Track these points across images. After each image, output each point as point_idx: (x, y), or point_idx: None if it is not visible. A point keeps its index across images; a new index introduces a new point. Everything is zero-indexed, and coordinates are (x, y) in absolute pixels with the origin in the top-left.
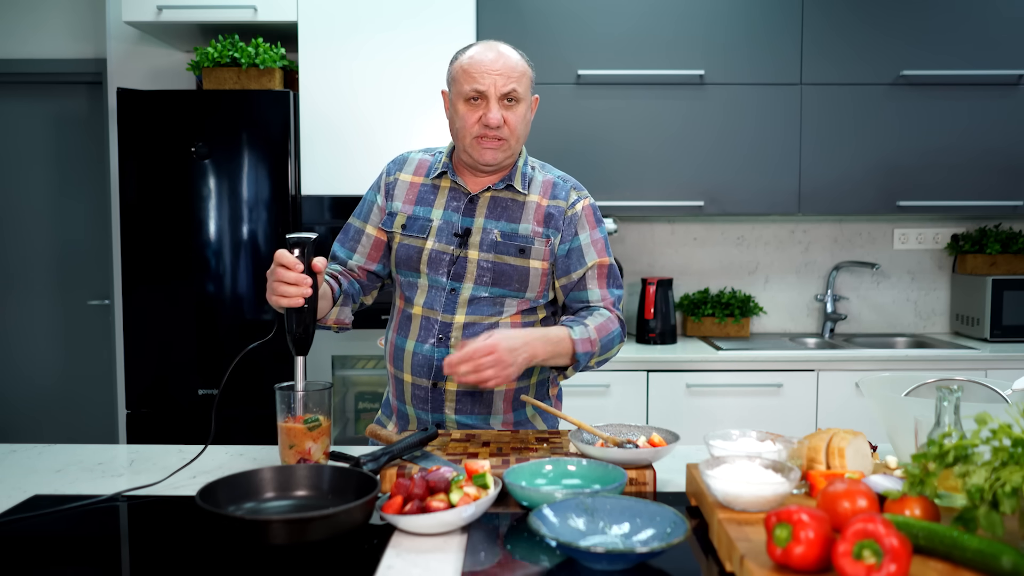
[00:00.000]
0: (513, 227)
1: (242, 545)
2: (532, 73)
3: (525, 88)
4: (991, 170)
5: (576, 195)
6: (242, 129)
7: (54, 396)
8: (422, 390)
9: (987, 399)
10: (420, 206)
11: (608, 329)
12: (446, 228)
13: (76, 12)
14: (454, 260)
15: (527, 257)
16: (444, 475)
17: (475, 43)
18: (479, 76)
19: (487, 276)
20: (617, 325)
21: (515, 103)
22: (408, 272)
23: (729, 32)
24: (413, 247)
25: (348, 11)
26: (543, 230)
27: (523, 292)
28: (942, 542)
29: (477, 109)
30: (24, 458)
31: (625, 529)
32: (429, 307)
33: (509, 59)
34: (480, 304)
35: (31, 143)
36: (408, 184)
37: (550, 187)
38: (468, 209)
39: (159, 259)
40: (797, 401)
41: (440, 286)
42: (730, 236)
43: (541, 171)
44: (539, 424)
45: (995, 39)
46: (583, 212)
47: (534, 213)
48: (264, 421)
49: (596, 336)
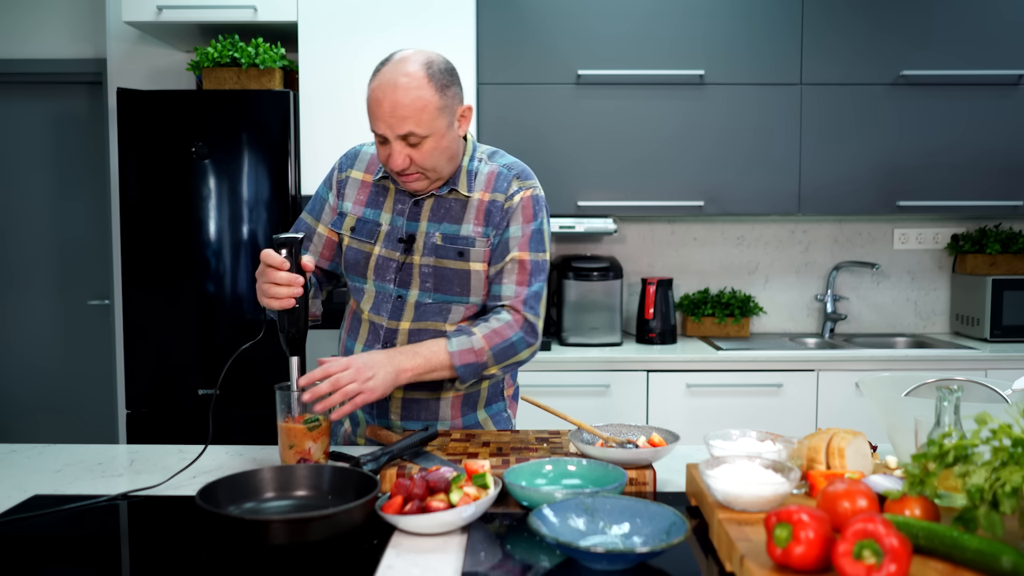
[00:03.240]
0: (455, 228)
1: (242, 545)
2: (441, 100)
3: (429, 124)
4: (991, 170)
5: (517, 185)
6: (242, 129)
7: (54, 396)
8: None
9: (987, 399)
10: (370, 208)
11: (503, 336)
12: (392, 233)
13: (76, 12)
14: (400, 267)
15: (467, 260)
16: (444, 475)
17: (385, 65)
18: (376, 119)
19: (429, 281)
20: (517, 330)
21: (420, 141)
22: (356, 277)
23: (729, 32)
24: (361, 252)
25: (348, 11)
26: (483, 229)
27: (467, 297)
28: (942, 542)
29: (384, 148)
30: (24, 458)
31: (625, 529)
32: (375, 313)
33: (401, 101)
34: (426, 310)
35: (31, 143)
36: (359, 183)
37: (493, 179)
38: (413, 213)
39: (159, 259)
40: (797, 401)
41: (387, 292)
42: (730, 236)
43: (488, 162)
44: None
45: (995, 39)
46: (520, 204)
47: (475, 211)
48: (264, 421)
49: (483, 346)
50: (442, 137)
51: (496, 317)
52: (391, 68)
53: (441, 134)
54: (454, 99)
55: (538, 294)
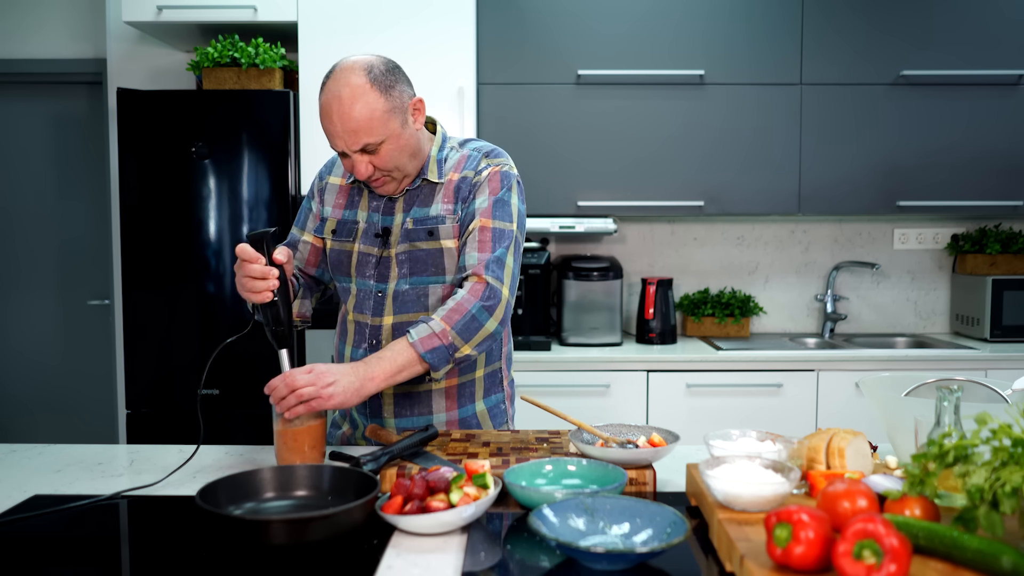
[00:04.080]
0: (425, 211)
1: (242, 545)
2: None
3: (381, 129)
4: (991, 170)
5: (487, 163)
6: (242, 129)
7: (54, 396)
8: None
9: (987, 399)
10: (348, 209)
11: (461, 311)
12: (369, 230)
13: (76, 12)
14: (378, 261)
15: (436, 238)
16: (444, 475)
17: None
18: (330, 136)
19: (404, 267)
20: (475, 300)
21: (376, 148)
22: (340, 277)
23: (729, 32)
24: (343, 251)
25: (348, 11)
26: (452, 206)
27: (442, 276)
28: (942, 542)
29: (347, 160)
30: (24, 458)
31: (625, 529)
32: (359, 312)
33: (349, 114)
34: (405, 300)
35: (31, 143)
36: (337, 187)
37: (463, 161)
38: (388, 208)
39: (159, 259)
40: (797, 401)
41: (368, 289)
42: (730, 236)
43: (459, 148)
44: (486, 423)
45: (995, 39)
46: (487, 178)
47: (444, 191)
48: (263, 420)
49: (444, 327)
50: (398, 137)
51: (453, 297)
52: (333, 82)
53: (397, 135)
54: (401, 96)
55: (500, 260)
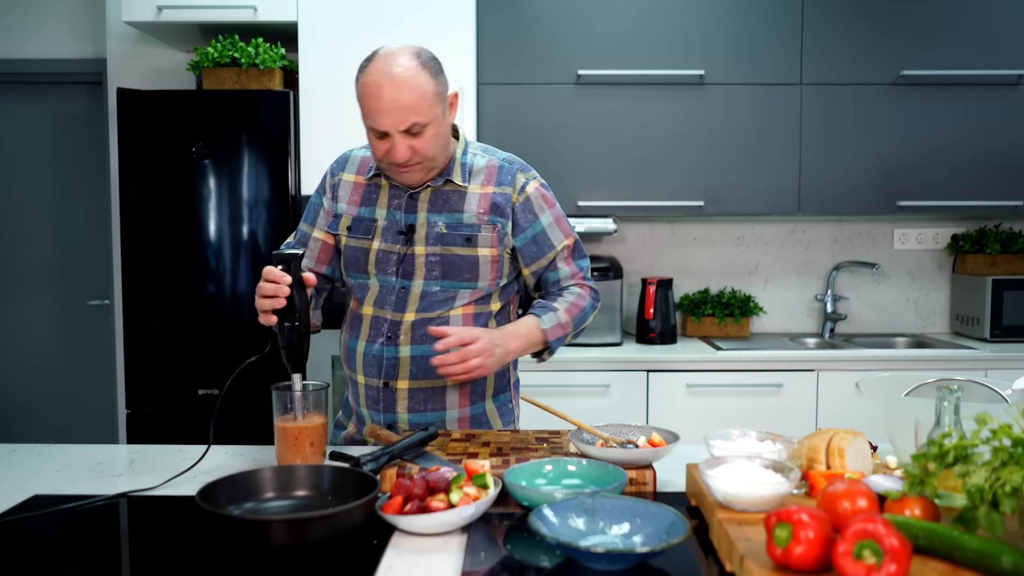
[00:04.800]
0: (457, 217)
1: (242, 545)
2: (436, 86)
3: (429, 111)
4: (991, 170)
5: (523, 178)
6: (242, 129)
7: (54, 396)
8: (373, 390)
9: (987, 399)
10: (364, 206)
11: (580, 306)
12: (391, 227)
13: (76, 12)
14: (401, 258)
15: (475, 245)
16: (444, 475)
17: (374, 59)
18: (376, 116)
19: (436, 270)
20: (589, 298)
21: (421, 131)
22: (357, 274)
23: (729, 32)
24: (360, 248)
25: (348, 11)
26: (489, 217)
27: (475, 282)
28: (942, 542)
29: (384, 142)
30: (24, 458)
31: (625, 529)
32: (380, 307)
33: (401, 92)
34: (432, 300)
35: (31, 143)
36: (352, 184)
37: (495, 172)
38: (410, 206)
39: (159, 259)
40: (797, 401)
41: (390, 285)
42: (730, 236)
43: (483, 155)
44: (495, 421)
45: (995, 39)
46: (535, 195)
47: (478, 201)
48: (263, 421)
49: (567, 319)
50: (439, 124)
51: (569, 291)
52: (382, 62)
53: (439, 121)
54: (445, 86)
55: (587, 264)
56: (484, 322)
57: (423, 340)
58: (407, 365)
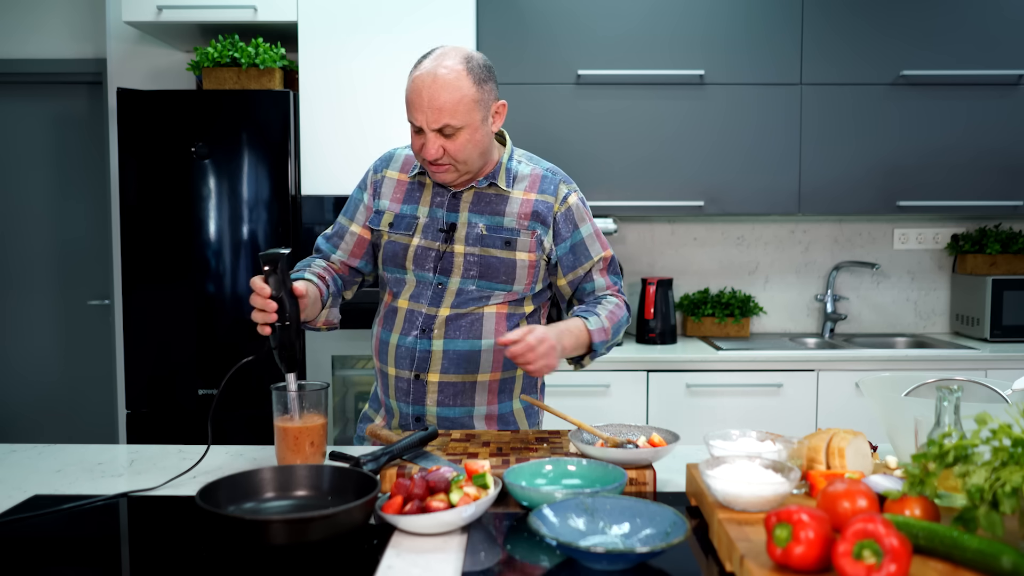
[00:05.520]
0: (498, 220)
1: (242, 545)
2: (478, 93)
3: (465, 116)
4: (991, 170)
5: (566, 189)
6: (242, 129)
7: (54, 396)
8: (404, 382)
9: (987, 399)
10: (407, 204)
11: (617, 316)
12: (431, 224)
13: (76, 12)
14: (440, 255)
15: (513, 249)
16: (444, 475)
17: (426, 58)
18: (415, 110)
19: (474, 269)
20: (624, 310)
21: (454, 133)
22: (395, 269)
23: (729, 32)
24: (399, 244)
25: (348, 11)
26: (529, 223)
27: (510, 285)
28: (942, 542)
29: (419, 137)
30: (24, 458)
31: (625, 529)
32: (416, 301)
33: (440, 93)
34: (467, 297)
35: (31, 143)
36: (395, 182)
37: (538, 181)
38: (452, 204)
39: (159, 259)
40: (797, 401)
41: (427, 281)
42: (730, 236)
43: (528, 163)
44: (522, 421)
45: (995, 39)
46: (576, 206)
47: (520, 207)
48: (262, 421)
49: (608, 324)
50: (476, 130)
51: (607, 300)
52: (432, 60)
53: (475, 127)
54: (490, 94)
55: (621, 280)
56: (516, 323)
57: (456, 334)
58: (439, 359)
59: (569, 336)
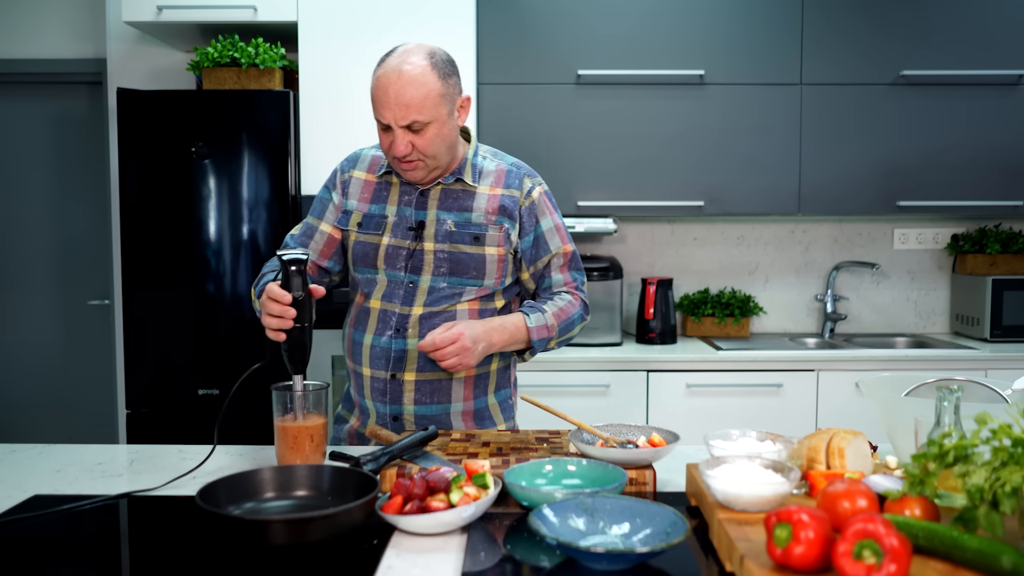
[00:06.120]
0: (466, 216)
1: (242, 545)
2: (444, 88)
3: (431, 111)
4: (991, 170)
5: (530, 183)
6: (242, 129)
7: (54, 396)
8: (380, 382)
9: (987, 399)
10: (375, 203)
11: (568, 313)
12: (400, 223)
13: (76, 12)
14: (411, 254)
15: (482, 244)
16: (444, 475)
17: (390, 56)
18: (382, 107)
19: (444, 266)
20: (579, 308)
21: (422, 128)
22: (365, 269)
23: (729, 32)
24: (369, 244)
25: (348, 11)
26: (496, 218)
27: (481, 280)
28: (942, 542)
29: (387, 135)
30: (24, 458)
31: (625, 529)
32: (388, 300)
33: (406, 89)
34: (439, 295)
35: (31, 143)
36: (362, 182)
37: (503, 176)
38: (420, 202)
39: (159, 259)
40: (797, 401)
41: (399, 280)
42: (730, 236)
43: (493, 159)
44: (497, 415)
45: (995, 39)
46: (540, 200)
47: (487, 202)
48: (263, 421)
49: (554, 322)
50: (443, 125)
51: (560, 297)
52: (396, 58)
53: (443, 121)
54: (455, 88)
55: (583, 278)
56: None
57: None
58: (415, 358)
59: (502, 333)
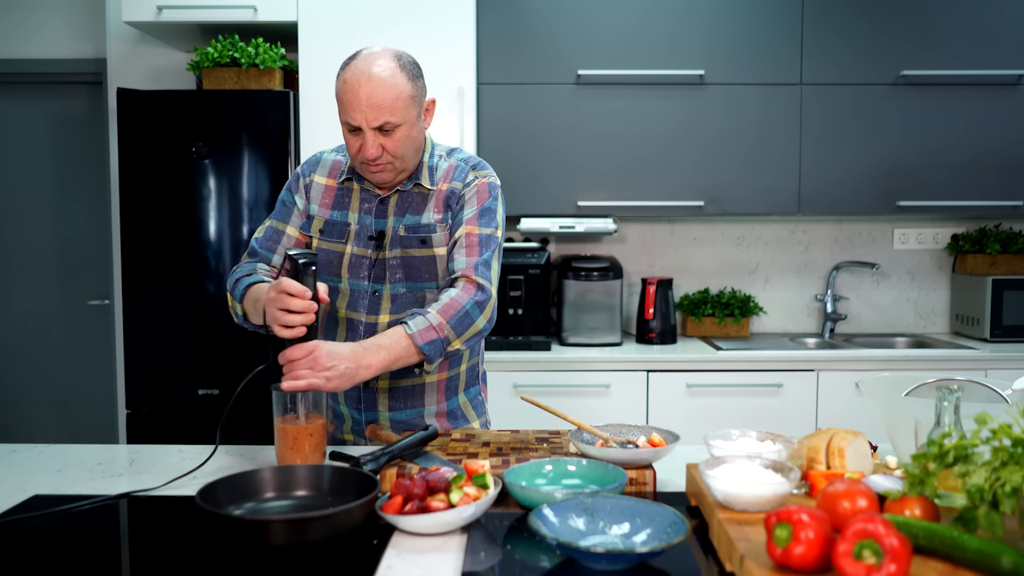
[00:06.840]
0: (416, 219)
1: (242, 545)
2: (413, 90)
3: (403, 112)
4: (991, 170)
5: (474, 175)
6: (242, 129)
7: (54, 396)
8: (354, 390)
9: (987, 399)
10: (336, 210)
11: (456, 306)
12: (362, 232)
13: (76, 12)
14: (373, 263)
15: (430, 246)
16: (444, 475)
17: (356, 58)
18: (351, 109)
19: (399, 272)
20: (469, 297)
21: (392, 130)
22: (328, 277)
23: (729, 32)
24: (333, 252)
25: (348, 11)
26: (443, 216)
27: (435, 281)
28: (942, 542)
29: (356, 138)
30: (24, 458)
31: (625, 529)
32: (352, 310)
33: (377, 90)
34: (403, 302)
35: (31, 143)
36: (323, 187)
37: (452, 171)
38: (380, 211)
39: (159, 259)
40: (797, 401)
41: (362, 290)
42: (730, 236)
43: (447, 158)
44: (469, 413)
45: (995, 39)
46: (475, 189)
47: (434, 200)
48: (263, 421)
49: (441, 320)
50: (412, 127)
51: (446, 292)
52: (362, 61)
53: (412, 123)
54: (422, 91)
55: (487, 262)
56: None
57: None
58: None
59: (376, 351)
